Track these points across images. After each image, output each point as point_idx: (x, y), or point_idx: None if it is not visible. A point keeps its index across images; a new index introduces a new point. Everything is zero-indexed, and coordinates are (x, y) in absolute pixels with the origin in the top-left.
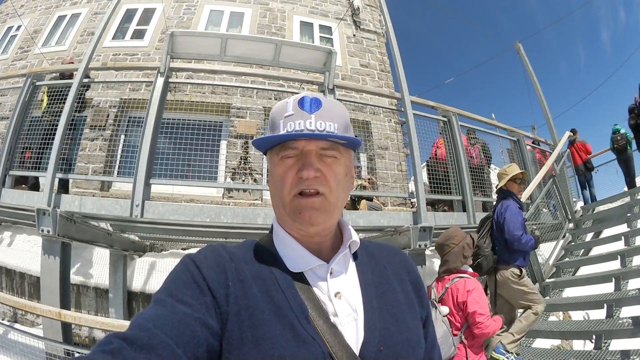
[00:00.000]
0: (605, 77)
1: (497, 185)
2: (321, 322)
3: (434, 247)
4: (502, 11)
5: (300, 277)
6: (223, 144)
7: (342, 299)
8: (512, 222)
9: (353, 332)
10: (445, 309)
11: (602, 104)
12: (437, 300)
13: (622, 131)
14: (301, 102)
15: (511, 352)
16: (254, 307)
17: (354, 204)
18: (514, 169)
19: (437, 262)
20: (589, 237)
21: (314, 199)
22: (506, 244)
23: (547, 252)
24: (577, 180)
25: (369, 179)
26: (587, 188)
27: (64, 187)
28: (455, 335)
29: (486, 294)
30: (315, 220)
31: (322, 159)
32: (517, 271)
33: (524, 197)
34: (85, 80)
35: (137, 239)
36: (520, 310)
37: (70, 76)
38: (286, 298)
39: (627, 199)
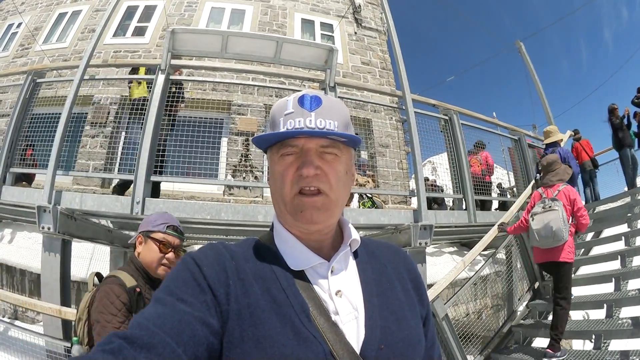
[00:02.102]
0: (608, 75)
1: (548, 139)
2: (322, 320)
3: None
4: (504, 9)
5: (301, 275)
6: (224, 141)
7: (342, 297)
8: (575, 161)
9: (354, 331)
10: (560, 203)
11: (605, 102)
12: (553, 198)
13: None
14: (301, 100)
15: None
16: (254, 306)
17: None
18: (560, 134)
19: (436, 262)
20: (589, 236)
21: (316, 198)
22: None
23: None
24: (580, 178)
25: (372, 176)
26: (591, 186)
27: (155, 190)
28: None
29: None
30: (317, 218)
31: (322, 156)
32: None
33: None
34: (86, 78)
35: None
36: None
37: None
38: (287, 296)
39: (628, 199)
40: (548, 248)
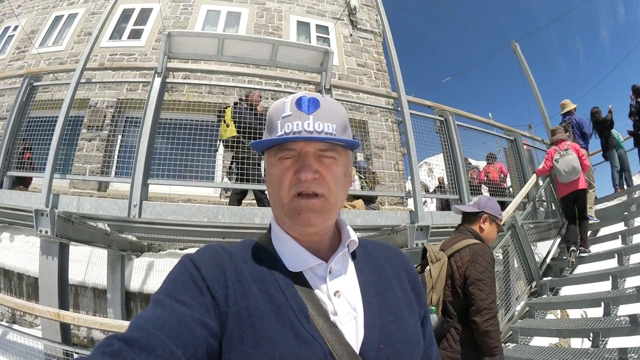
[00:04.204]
0: (604, 74)
1: (563, 110)
2: (321, 321)
3: (553, 132)
4: (501, 8)
5: (299, 277)
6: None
7: (341, 297)
8: (587, 125)
9: (353, 331)
10: (572, 150)
11: (601, 101)
12: (566, 149)
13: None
14: (299, 103)
15: (592, 216)
16: (253, 307)
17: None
18: (571, 104)
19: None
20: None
21: (314, 201)
22: (582, 136)
23: (544, 250)
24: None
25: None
26: None
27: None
28: None
29: None
30: (314, 221)
31: (321, 159)
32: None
33: (520, 195)
34: (82, 81)
35: (134, 239)
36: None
37: (252, 106)
38: (286, 297)
39: (624, 198)
40: (569, 182)
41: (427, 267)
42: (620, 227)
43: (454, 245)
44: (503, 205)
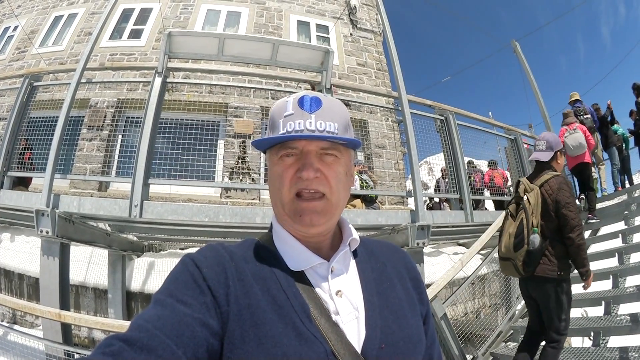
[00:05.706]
0: (605, 73)
1: (573, 97)
2: (323, 320)
3: (565, 116)
4: (501, 7)
5: (301, 276)
6: (220, 143)
7: (343, 297)
8: (595, 112)
9: (354, 330)
10: (579, 130)
11: (601, 100)
12: (575, 129)
13: (620, 132)
14: (301, 102)
15: (605, 188)
16: (255, 306)
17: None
18: (578, 96)
19: (434, 262)
20: (587, 234)
21: (316, 203)
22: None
23: None
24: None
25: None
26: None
27: None
28: None
29: None
30: (316, 222)
31: (323, 158)
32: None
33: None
34: (83, 81)
35: (135, 239)
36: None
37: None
38: (287, 297)
39: (625, 197)
40: (577, 156)
41: (525, 197)
42: (620, 225)
43: (540, 178)
44: (502, 205)
